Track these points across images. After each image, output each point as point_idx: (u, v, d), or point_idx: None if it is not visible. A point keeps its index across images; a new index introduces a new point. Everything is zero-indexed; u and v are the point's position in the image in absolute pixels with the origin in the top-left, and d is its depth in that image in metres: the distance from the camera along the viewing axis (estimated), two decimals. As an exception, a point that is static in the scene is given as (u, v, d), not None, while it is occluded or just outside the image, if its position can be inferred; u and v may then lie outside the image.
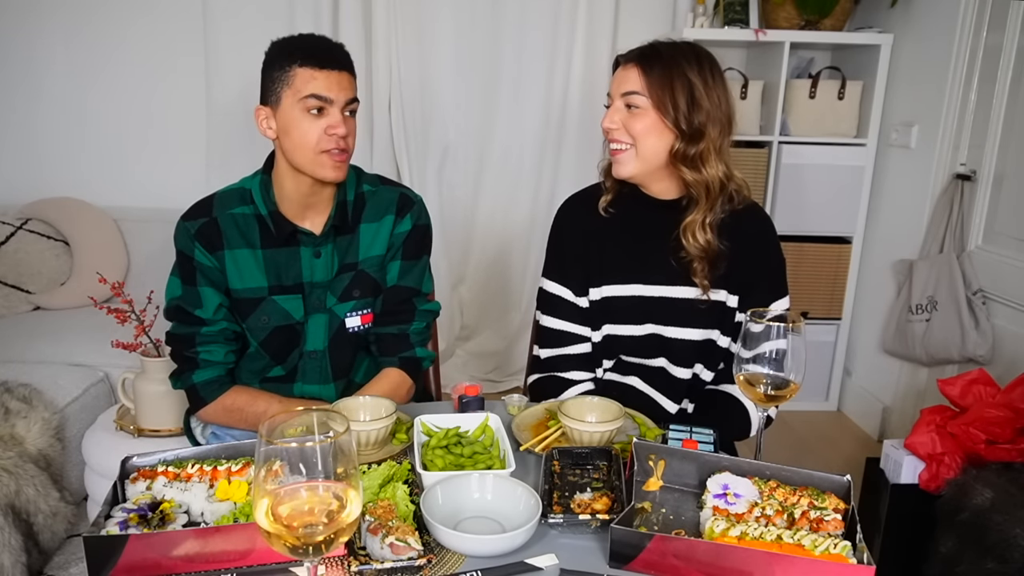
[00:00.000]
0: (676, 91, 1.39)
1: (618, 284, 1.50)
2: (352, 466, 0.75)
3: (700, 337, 1.49)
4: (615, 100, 1.46)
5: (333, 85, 1.37)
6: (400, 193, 1.56)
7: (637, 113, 1.42)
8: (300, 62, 1.37)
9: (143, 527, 0.99)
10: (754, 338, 1.12)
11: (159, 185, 3.16)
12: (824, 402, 3.38)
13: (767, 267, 1.50)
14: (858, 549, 0.95)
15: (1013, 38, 2.48)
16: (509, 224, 3.38)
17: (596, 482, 1.17)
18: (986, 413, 1.88)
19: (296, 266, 1.47)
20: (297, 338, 1.49)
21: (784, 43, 3.00)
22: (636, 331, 1.51)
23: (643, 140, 1.42)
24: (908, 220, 2.90)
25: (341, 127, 1.38)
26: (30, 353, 2.49)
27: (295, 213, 1.46)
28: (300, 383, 1.52)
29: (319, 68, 1.36)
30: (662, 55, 1.42)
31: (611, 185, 1.53)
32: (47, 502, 1.97)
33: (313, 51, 1.38)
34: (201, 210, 1.47)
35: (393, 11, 3.05)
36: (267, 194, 1.46)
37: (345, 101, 1.39)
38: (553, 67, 3.22)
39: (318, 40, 1.43)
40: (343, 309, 1.49)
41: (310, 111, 1.37)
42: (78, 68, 3.12)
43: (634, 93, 1.41)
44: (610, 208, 1.52)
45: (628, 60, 1.45)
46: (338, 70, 1.38)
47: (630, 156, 1.44)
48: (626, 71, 1.44)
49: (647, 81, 1.40)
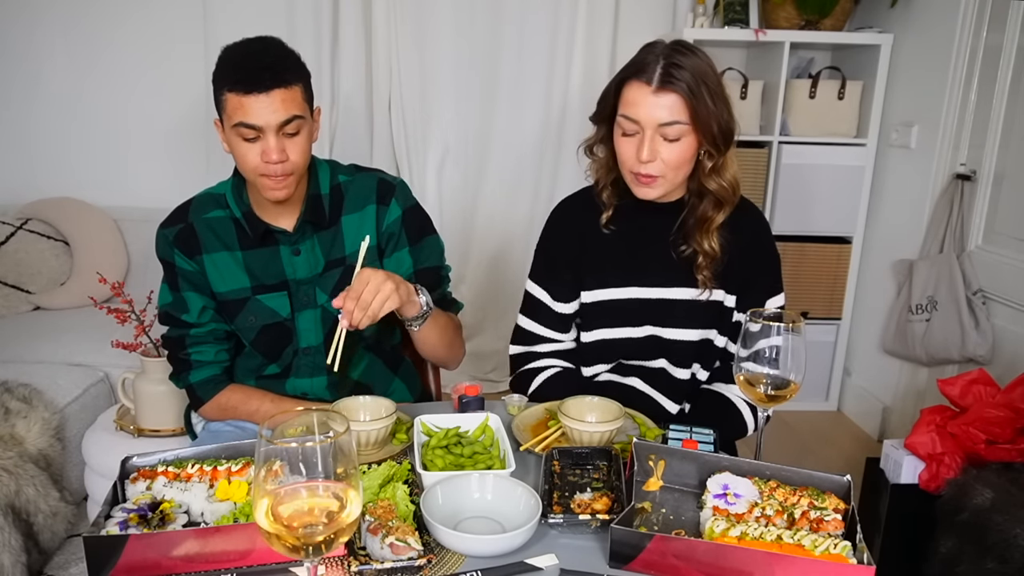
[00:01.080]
0: (718, 112, 1.32)
1: (615, 287, 1.49)
2: (352, 466, 0.75)
3: (698, 337, 1.49)
4: (646, 130, 1.32)
5: (263, 110, 1.29)
6: (378, 179, 1.53)
7: (676, 145, 1.33)
8: (229, 86, 1.30)
9: (143, 527, 0.99)
10: (752, 337, 1.12)
11: (159, 185, 3.15)
12: (824, 402, 3.37)
13: (764, 263, 1.49)
14: (858, 549, 0.95)
15: (1013, 38, 2.48)
16: (509, 224, 3.38)
17: (596, 482, 1.17)
18: (986, 413, 1.88)
19: (277, 265, 1.46)
20: (288, 335, 1.49)
21: (784, 43, 3.00)
22: (635, 333, 1.50)
23: (680, 168, 1.36)
24: (908, 220, 2.90)
25: (274, 153, 1.31)
26: (30, 353, 2.49)
27: (268, 213, 1.45)
28: (293, 378, 1.53)
29: (245, 93, 1.28)
30: (693, 73, 1.30)
31: (611, 201, 1.48)
32: (47, 502, 1.97)
33: (240, 73, 1.30)
34: (177, 217, 1.48)
35: (393, 11, 3.05)
36: (240, 196, 1.46)
37: (279, 123, 1.31)
38: (553, 66, 3.22)
39: (248, 56, 1.32)
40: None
41: (245, 138, 1.33)
42: (78, 68, 3.12)
43: (676, 123, 1.31)
44: (611, 224, 1.49)
45: (666, 85, 1.30)
46: (267, 91, 1.28)
47: (661, 184, 1.37)
48: (661, 97, 1.30)
49: (693, 109, 1.30)
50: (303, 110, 1.35)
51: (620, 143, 1.38)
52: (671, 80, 1.29)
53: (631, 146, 1.35)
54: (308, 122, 1.38)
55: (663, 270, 1.47)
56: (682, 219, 1.45)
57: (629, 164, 1.37)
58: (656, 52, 1.32)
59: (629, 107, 1.33)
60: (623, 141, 1.37)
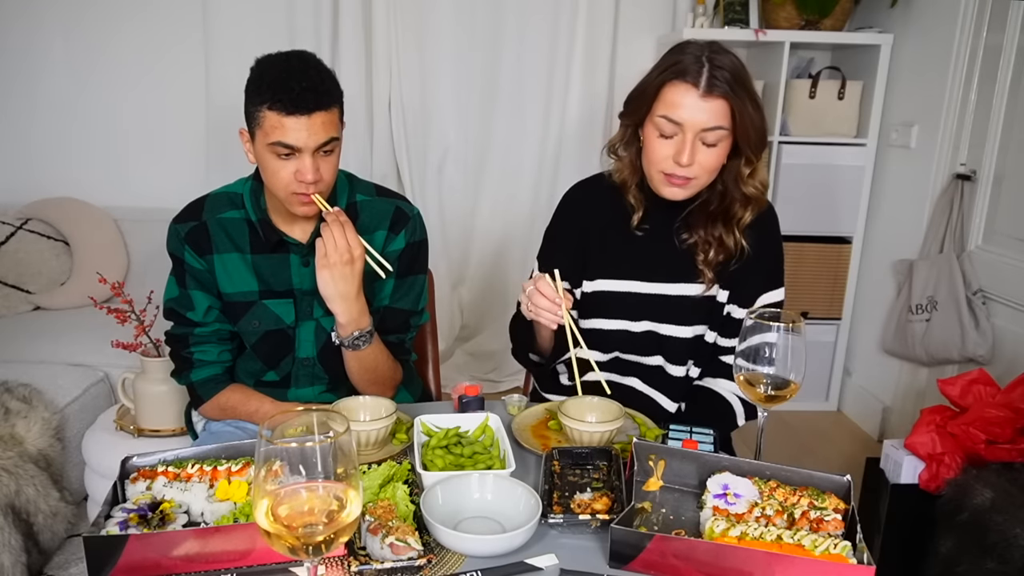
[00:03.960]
0: (756, 118, 1.32)
1: (616, 279, 1.49)
2: (352, 466, 0.75)
3: (691, 334, 1.49)
4: (688, 133, 1.31)
5: (302, 132, 1.28)
6: (396, 206, 1.52)
7: (714, 150, 1.33)
8: (269, 104, 1.28)
9: (143, 527, 0.99)
10: (752, 337, 1.12)
11: (159, 185, 3.16)
12: (824, 402, 3.37)
13: (769, 258, 1.48)
14: (858, 549, 0.95)
15: (1013, 38, 2.48)
16: (509, 224, 3.38)
17: (596, 482, 1.17)
18: (986, 413, 1.88)
19: (285, 272, 1.46)
20: (289, 343, 1.49)
21: (784, 43, 3.00)
22: (633, 327, 1.50)
23: (714, 172, 1.37)
24: (908, 220, 2.90)
25: (309, 174, 1.31)
26: (30, 353, 2.48)
27: (283, 222, 1.45)
28: (294, 388, 1.53)
29: (287, 114, 1.27)
30: (735, 77, 1.29)
31: (639, 202, 1.46)
32: (47, 502, 1.97)
33: (282, 93, 1.27)
34: (191, 213, 1.47)
35: (393, 11, 3.05)
36: (257, 201, 1.45)
37: (317, 145, 1.31)
38: (553, 66, 3.22)
39: (290, 74, 1.29)
40: (329, 323, 1.47)
41: (279, 156, 1.31)
42: (78, 67, 3.12)
43: (718, 128, 1.31)
44: (644, 224, 1.47)
45: (713, 90, 1.29)
46: (308, 113, 1.28)
47: (693, 185, 1.37)
48: (708, 102, 1.29)
49: (737, 115, 1.30)
50: (339, 131, 1.36)
51: (655, 143, 1.36)
52: (717, 84, 1.29)
53: (668, 148, 1.34)
54: (341, 140, 1.38)
55: (666, 265, 1.47)
56: (689, 210, 1.45)
57: (662, 165, 1.36)
58: (696, 54, 1.31)
59: (673, 109, 1.31)
60: (659, 141, 1.35)
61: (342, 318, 1.39)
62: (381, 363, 1.49)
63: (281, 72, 1.30)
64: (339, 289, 1.36)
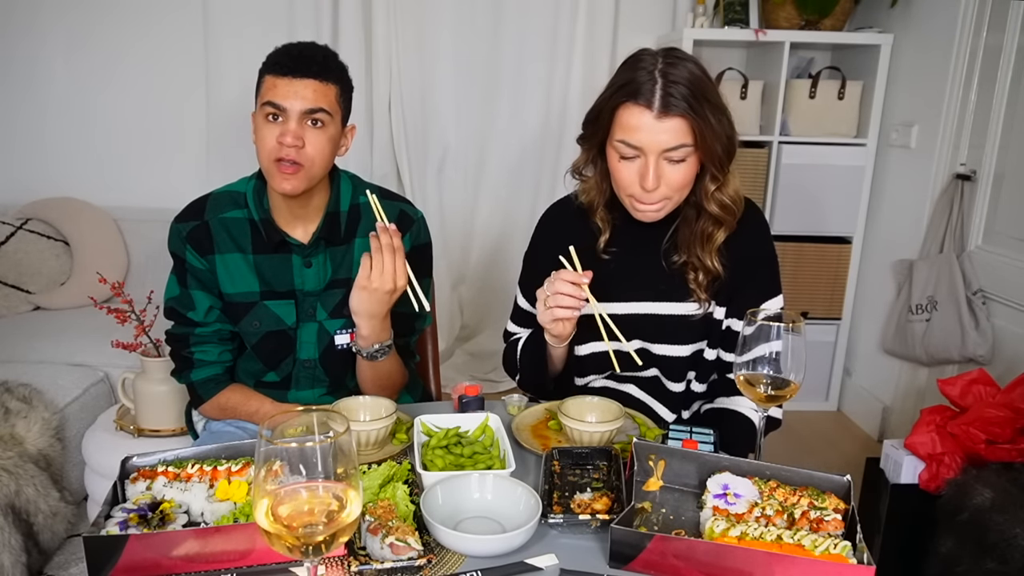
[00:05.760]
0: (721, 129, 1.25)
1: (604, 302, 1.39)
2: (352, 466, 0.75)
3: (689, 352, 1.44)
4: (649, 156, 1.25)
5: (291, 93, 1.32)
6: (400, 210, 1.52)
7: (681, 166, 1.27)
8: (268, 69, 1.35)
9: (143, 527, 0.99)
10: (752, 338, 1.12)
11: (159, 185, 3.16)
12: (824, 402, 3.37)
13: (761, 269, 1.42)
14: (858, 549, 0.95)
15: (1013, 38, 2.48)
16: (509, 224, 3.38)
17: (596, 482, 1.17)
18: (986, 413, 1.88)
19: (287, 273, 1.46)
20: (290, 344, 1.49)
21: (784, 43, 3.00)
22: (623, 347, 1.40)
23: (685, 189, 1.30)
24: (908, 220, 2.90)
25: (288, 136, 1.31)
26: (30, 353, 2.49)
27: (286, 222, 1.45)
28: (294, 390, 1.53)
29: (280, 75, 1.33)
30: (692, 90, 1.22)
31: (607, 223, 1.41)
32: (47, 502, 1.97)
33: (283, 59, 1.34)
34: (193, 213, 1.47)
35: (393, 11, 3.05)
36: (260, 201, 1.45)
37: (302, 110, 1.32)
38: (553, 66, 3.22)
39: (296, 47, 1.37)
40: (333, 326, 1.48)
41: (267, 117, 1.34)
42: (79, 68, 3.12)
43: (681, 147, 1.24)
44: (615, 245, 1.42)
45: (668, 109, 1.22)
46: (302, 77, 1.32)
47: (665, 206, 1.32)
48: (665, 122, 1.23)
49: (698, 131, 1.23)
50: (333, 109, 1.37)
51: (618, 167, 1.30)
52: (674, 103, 1.22)
53: (631, 170, 1.29)
54: (335, 124, 1.39)
55: (655, 285, 1.42)
56: (674, 228, 1.40)
57: (630, 189, 1.31)
58: (649, 68, 1.24)
59: (629, 133, 1.26)
60: (621, 165, 1.30)
61: (364, 331, 1.39)
62: (395, 372, 1.50)
63: (290, 47, 1.38)
64: (370, 310, 1.36)
